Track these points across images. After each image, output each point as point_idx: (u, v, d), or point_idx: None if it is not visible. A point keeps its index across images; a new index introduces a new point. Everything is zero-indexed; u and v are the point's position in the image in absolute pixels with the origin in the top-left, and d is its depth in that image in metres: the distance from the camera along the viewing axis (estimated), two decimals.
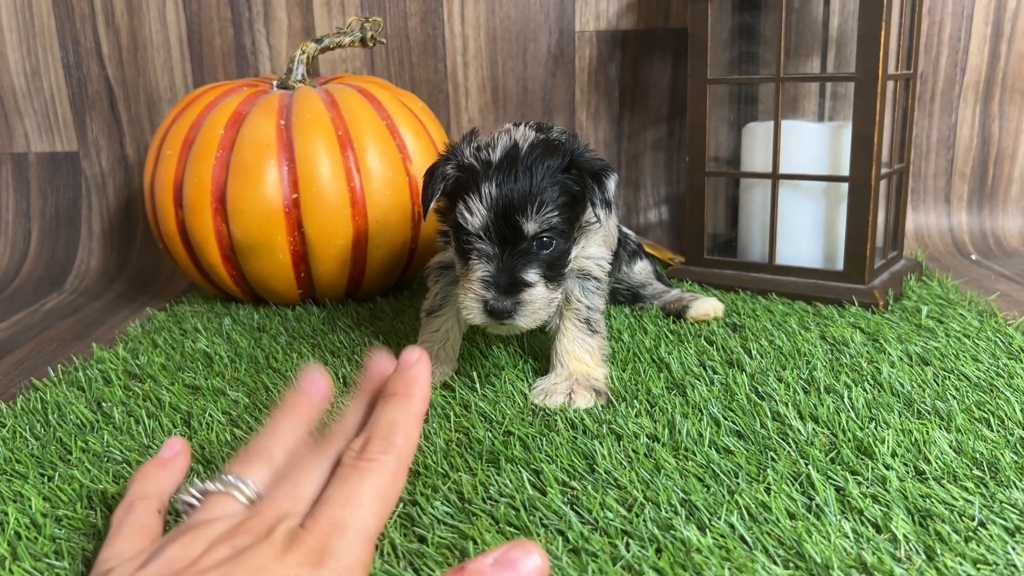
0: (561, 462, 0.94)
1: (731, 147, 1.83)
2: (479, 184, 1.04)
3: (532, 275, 1.04)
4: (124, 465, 0.97)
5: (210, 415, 1.09)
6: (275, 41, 2.00)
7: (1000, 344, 1.26)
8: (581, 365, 1.16)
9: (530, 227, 1.03)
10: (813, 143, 1.59)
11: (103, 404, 1.15)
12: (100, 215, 2.10)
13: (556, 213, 1.04)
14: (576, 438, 1.00)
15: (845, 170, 1.52)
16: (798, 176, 1.57)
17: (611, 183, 1.09)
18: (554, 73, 2.01)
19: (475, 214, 1.03)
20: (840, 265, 1.56)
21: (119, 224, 2.09)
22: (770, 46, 1.73)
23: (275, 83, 1.63)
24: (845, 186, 1.52)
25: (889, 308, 1.47)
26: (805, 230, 1.62)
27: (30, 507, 0.88)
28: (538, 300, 1.04)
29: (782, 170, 1.57)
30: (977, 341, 1.28)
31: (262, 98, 1.53)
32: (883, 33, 1.42)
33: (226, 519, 0.68)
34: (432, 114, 1.70)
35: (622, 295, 1.54)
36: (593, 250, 1.20)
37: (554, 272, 1.07)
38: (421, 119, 1.62)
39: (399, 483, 0.72)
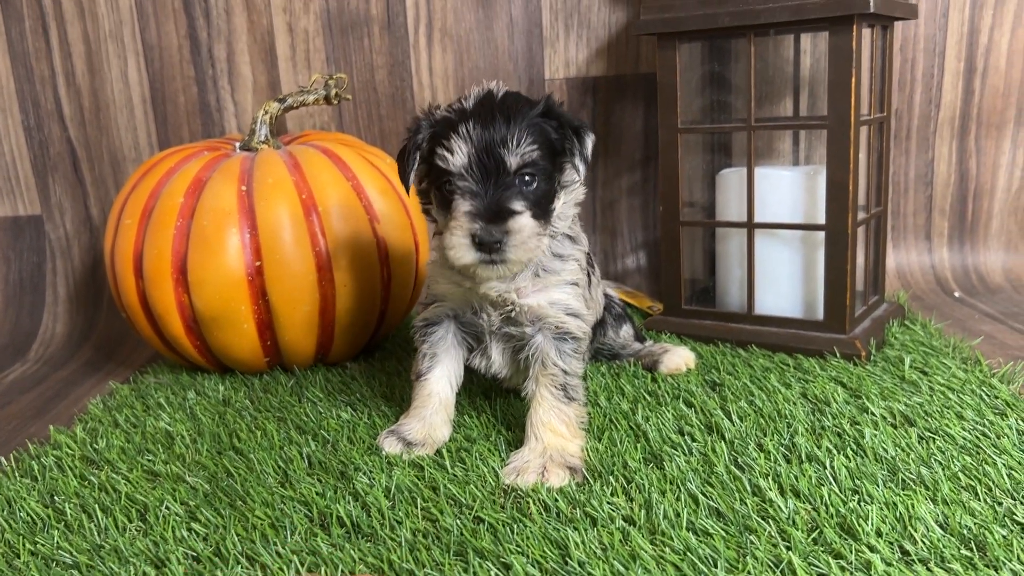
0: (532, 553, 0.89)
1: (706, 193, 1.80)
2: (456, 126, 1.03)
3: (518, 204, 1.03)
4: (73, 570, 0.92)
5: (167, 507, 1.05)
6: (240, 97, 1.97)
7: (985, 398, 1.23)
8: (556, 438, 1.11)
9: (513, 160, 1.03)
10: (787, 190, 1.56)
11: (56, 497, 1.09)
12: (65, 279, 2.05)
13: (536, 148, 1.04)
14: (549, 524, 0.95)
15: (822, 215, 1.49)
16: (773, 225, 1.54)
17: (589, 141, 1.09)
18: None
19: (456, 152, 1.03)
20: (820, 314, 1.52)
21: (85, 287, 2.05)
22: (740, 94, 1.71)
23: (238, 144, 1.59)
24: (822, 233, 1.49)
25: (872, 358, 1.44)
26: (783, 278, 1.59)
27: None
28: (526, 229, 1.03)
29: (758, 218, 1.54)
30: (962, 395, 1.24)
31: (223, 163, 1.49)
32: (853, 79, 1.39)
33: None
34: None
35: (603, 354, 1.51)
36: (573, 303, 1.16)
37: (540, 209, 1.06)
38: (389, 177, 1.58)
39: None
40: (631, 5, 1.89)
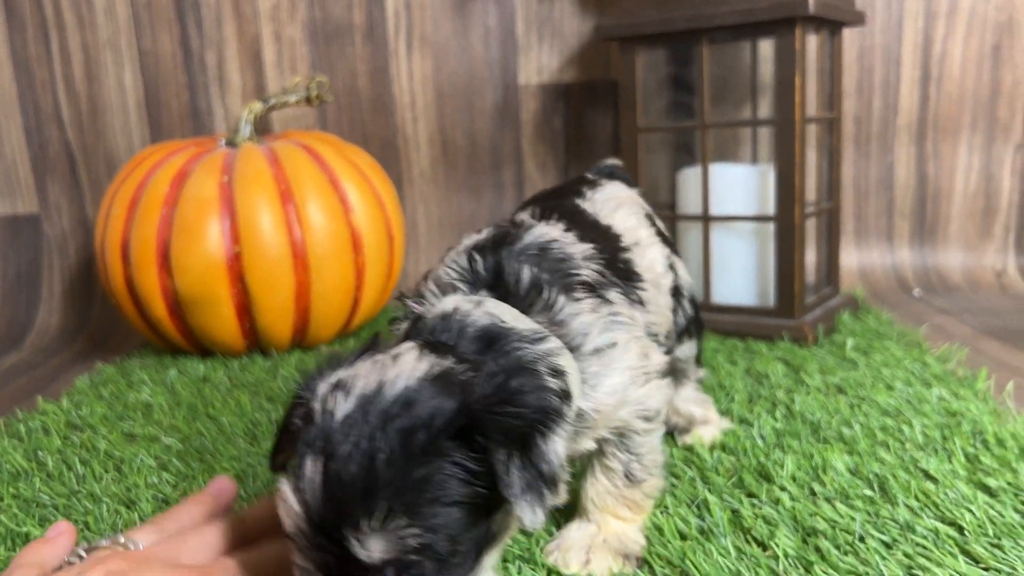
0: None
1: (670, 191, 1.89)
2: (301, 458, 0.63)
3: None
4: (51, 509, 1.00)
5: (141, 460, 1.13)
6: (229, 102, 2.07)
7: (915, 373, 1.30)
8: (616, 522, 0.88)
9: (373, 548, 0.60)
10: (742, 185, 1.64)
11: (39, 453, 1.18)
12: (61, 275, 2.14)
13: (423, 523, 0.61)
14: None
15: (774, 210, 1.57)
16: (726, 217, 1.62)
17: (554, 442, 0.67)
18: (501, 126, 2.07)
19: (287, 512, 0.63)
20: (772, 302, 1.60)
21: (79, 283, 2.14)
22: (700, 94, 1.80)
23: (223, 141, 1.69)
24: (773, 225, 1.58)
25: (819, 342, 1.52)
26: (739, 269, 1.67)
27: None
28: None
29: (714, 212, 1.63)
30: (895, 371, 1.32)
31: (207, 156, 1.58)
32: (797, 79, 1.48)
33: None
34: (379, 168, 1.76)
35: None
36: (651, 403, 0.84)
37: None
38: (366, 172, 1.67)
39: None
40: (600, 15, 1.99)
